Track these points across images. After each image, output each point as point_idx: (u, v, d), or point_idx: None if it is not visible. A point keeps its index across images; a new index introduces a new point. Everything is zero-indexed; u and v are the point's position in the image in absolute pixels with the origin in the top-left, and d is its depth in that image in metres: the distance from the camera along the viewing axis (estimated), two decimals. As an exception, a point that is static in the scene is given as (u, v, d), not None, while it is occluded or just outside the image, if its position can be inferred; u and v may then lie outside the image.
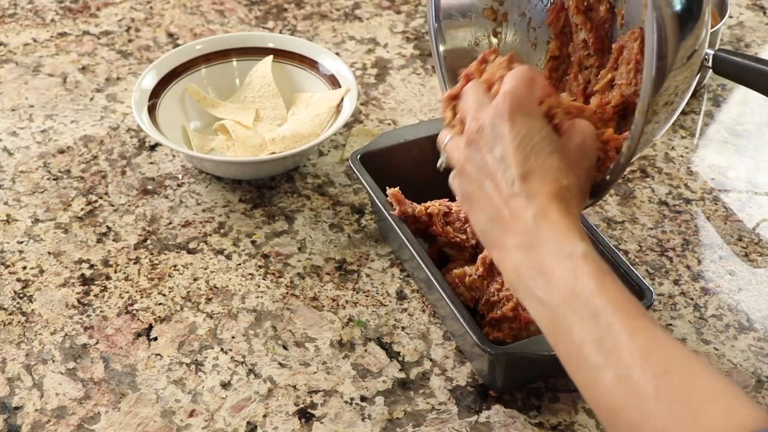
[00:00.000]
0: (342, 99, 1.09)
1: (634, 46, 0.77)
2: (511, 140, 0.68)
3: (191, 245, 0.99)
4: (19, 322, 0.91)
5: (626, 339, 0.58)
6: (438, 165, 0.78)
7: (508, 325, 0.84)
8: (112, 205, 1.04)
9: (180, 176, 1.08)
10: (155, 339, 0.90)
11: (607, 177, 0.74)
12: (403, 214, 0.91)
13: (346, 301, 0.93)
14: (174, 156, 1.11)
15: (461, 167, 0.72)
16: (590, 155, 0.72)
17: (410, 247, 0.88)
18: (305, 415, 0.83)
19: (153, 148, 1.12)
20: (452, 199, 0.98)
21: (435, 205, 0.93)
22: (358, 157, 0.97)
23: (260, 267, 0.97)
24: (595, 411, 0.61)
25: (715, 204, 1.05)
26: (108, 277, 0.96)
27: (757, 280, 0.96)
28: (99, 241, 1.00)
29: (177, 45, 1.29)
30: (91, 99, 1.20)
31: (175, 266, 0.97)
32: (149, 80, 1.10)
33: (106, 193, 1.06)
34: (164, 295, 0.94)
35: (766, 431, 0.51)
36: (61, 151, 1.11)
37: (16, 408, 0.84)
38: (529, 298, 0.65)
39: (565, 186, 0.67)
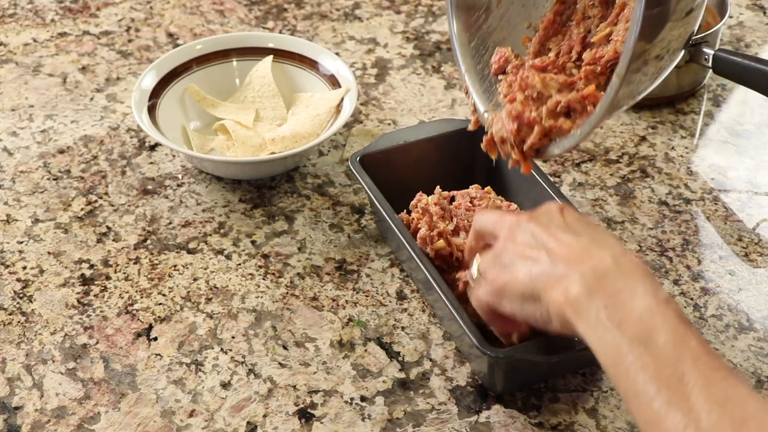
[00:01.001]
0: (342, 99, 1.09)
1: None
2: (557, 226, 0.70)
3: (191, 245, 0.99)
4: (19, 322, 0.91)
5: (700, 389, 0.55)
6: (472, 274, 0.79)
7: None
8: (112, 205, 1.04)
9: (180, 176, 1.08)
10: (155, 339, 0.90)
11: (578, 130, 0.74)
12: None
13: (346, 301, 0.93)
14: (174, 156, 1.11)
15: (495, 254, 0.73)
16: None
17: (409, 247, 0.88)
18: (305, 415, 0.83)
19: (153, 148, 1.12)
20: (451, 202, 0.98)
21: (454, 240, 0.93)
22: (358, 158, 0.97)
23: (260, 267, 0.97)
24: None
25: (715, 204, 1.05)
26: (108, 277, 0.96)
27: (757, 280, 0.96)
28: (99, 241, 1.00)
29: (177, 45, 1.29)
30: (91, 99, 1.20)
31: (175, 266, 0.97)
32: (149, 80, 1.10)
33: (106, 193, 1.06)
34: (164, 295, 0.94)
35: None
36: (61, 151, 1.11)
37: (16, 408, 0.84)
38: (595, 323, 0.62)
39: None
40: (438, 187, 0.96)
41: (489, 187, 0.98)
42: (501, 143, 0.81)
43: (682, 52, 0.75)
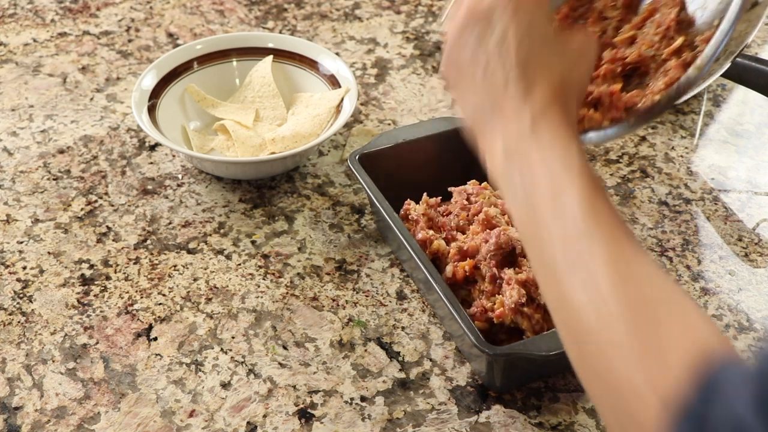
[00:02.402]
0: (342, 99, 1.09)
1: (671, 12, 0.76)
2: (514, 27, 0.64)
3: (191, 245, 0.99)
4: (19, 322, 0.91)
5: (602, 261, 0.55)
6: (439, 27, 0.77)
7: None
8: (112, 205, 1.04)
9: (180, 176, 1.08)
10: (155, 339, 0.90)
11: (657, 99, 0.72)
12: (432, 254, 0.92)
13: (346, 301, 0.93)
14: (174, 156, 1.11)
15: (455, 44, 0.68)
16: (589, 60, 0.69)
17: (409, 247, 0.88)
18: (305, 415, 0.83)
19: (153, 148, 1.12)
20: (449, 198, 0.98)
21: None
22: (357, 157, 0.97)
23: (260, 267, 0.97)
24: (556, 322, 0.58)
25: (715, 204, 1.05)
26: (108, 277, 0.96)
27: (757, 280, 0.96)
28: (99, 241, 1.00)
29: (177, 45, 1.29)
30: (91, 99, 1.20)
31: (175, 266, 0.97)
32: (149, 80, 1.10)
33: (106, 193, 1.06)
34: (164, 295, 0.94)
35: (725, 359, 0.49)
36: (61, 151, 1.11)
37: (16, 408, 0.84)
38: (512, 192, 0.61)
39: (565, 81, 0.64)
40: (425, 194, 0.96)
41: (486, 182, 0.98)
42: None
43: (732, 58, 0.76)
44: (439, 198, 0.97)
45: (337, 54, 1.22)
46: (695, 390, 0.47)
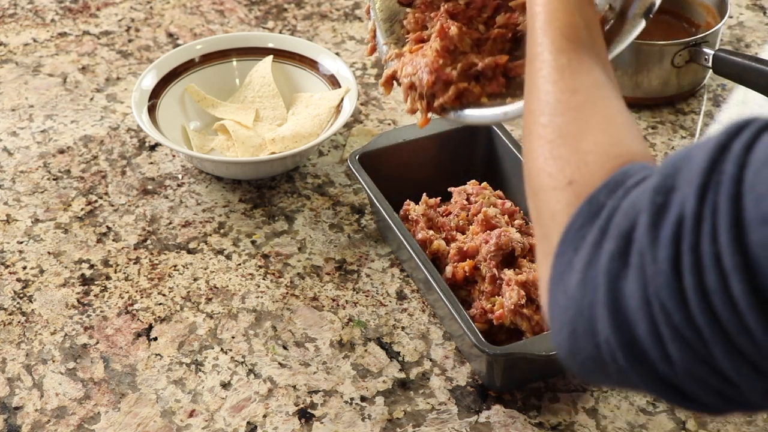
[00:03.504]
0: (342, 99, 1.09)
1: None
2: None
3: (191, 245, 0.99)
4: (19, 322, 0.91)
5: (550, 56, 0.60)
6: None
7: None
8: (112, 205, 1.04)
9: (180, 176, 1.08)
10: (155, 339, 0.90)
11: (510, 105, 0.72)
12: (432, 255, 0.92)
13: (346, 301, 0.93)
14: (174, 156, 1.11)
15: None
16: None
17: (409, 247, 0.88)
18: (305, 415, 0.83)
19: (153, 148, 1.12)
20: (449, 198, 0.98)
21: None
22: (357, 157, 0.97)
23: (260, 267, 0.97)
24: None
25: (715, 204, 1.05)
26: (108, 277, 0.96)
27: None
28: (99, 241, 1.00)
29: (177, 45, 1.29)
30: (91, 99, 1.20)
31: (175, 266, 0.97)
32: (149, 80, 1.10)
33: (106, 193, 1.06)
34: (164, 295, 0.94)
35: (640, 167, 0.52)
36: (61, 151, 1.11)
37: (16, 408, 0.84)
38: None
39: None
40: (424, 194, 0.96)
41: (486, 182, 0.98)
42: (409, 88, 0.77)
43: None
44: (439, 198, 0.97)
45: (337, 54, 1.22)
46: (603, 182, 0.52)
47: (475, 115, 0.74)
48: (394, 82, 0.79)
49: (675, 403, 0.50)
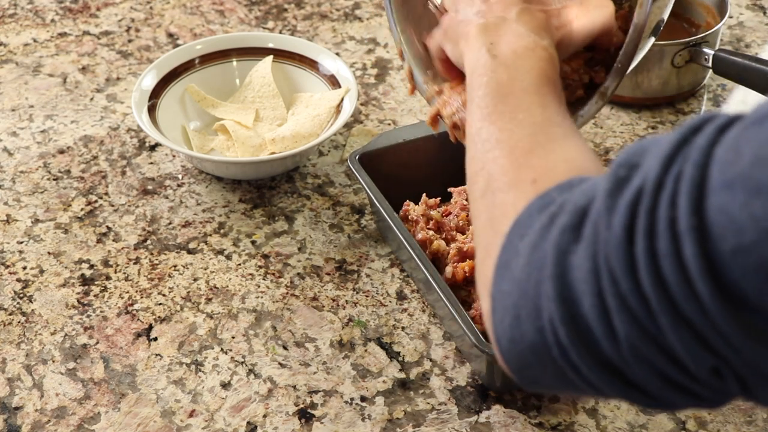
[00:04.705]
0: (342, 99, 1.09)
1: None
2: None
3: (191, 245, 0.99)
4: (19, 322, 0.91)
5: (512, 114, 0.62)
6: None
7: None
8: (112, 205, 1.04)
9: (180, 176, 1.08)
10: (155, 339, 0.90)
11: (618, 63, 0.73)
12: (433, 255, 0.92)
13: (346, 301, 0.93)
14: (174, 156, 1.11)
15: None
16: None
17: (409, 247, 0.88)
18: (305, 415, 0.83)
19: (153, 148, 1.12)
20: (449, 198, 0.98)
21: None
22: (357, 157, 0.97)
23: (260, 267, 0.97)
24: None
25: (715, 204, 1.05)
26: (108, 278, 0.96)
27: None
28: (99, 241, 1.00)
29: (177, 45, 1.29)
30: (91, 99, 1.20)
31: (175, 266, 0.97)
32: (149, 80, 1.10)
33: (106, 193, 1.06)
34: (164, 295, 0.94)
35: (599, 177, 0.53)
36: (61, 151, 1.11)
37: (16, 408, 0.84)
38: (477, 51, 0.68)
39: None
40: (424, 194, 0.96)
41: None
42: (453, 128, 0.79)
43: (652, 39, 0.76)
44: (439, 198, 0.97)
45: (337, 54, 1.22)
46: (558, 183, 0.53)
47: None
48: (439, 118, 0.81)
49: (619, 395, 0.48)
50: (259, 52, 1.16)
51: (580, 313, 0.46)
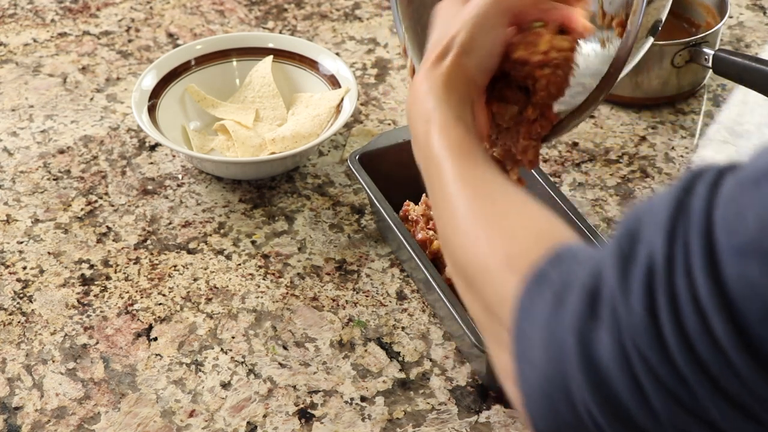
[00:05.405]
0: (342, 99, 1.09)
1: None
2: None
3: (191, 245, 0.99)
4: (19, 322, 0.91)
5: (452, 178, 0.62)
6: None
7: None
8: (112, 205, 1.04)
9: (180, 176, 1.08)
10: (155, 339, 0.90)
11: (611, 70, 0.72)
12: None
13: (346, 301, 0.93)
14: (174, 156, 1.11)
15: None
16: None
17: (409, 247, 0.88)
18: (305, 415, 0.83)
19: (153, 148, 1.12)
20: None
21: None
22: (357, 157, 0.97)
23: (260, 267, 0.97)
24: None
25: (715, 204, 1.05)
26: (108, 278, 0.96)
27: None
28: (99, 241, 1.00)
29: (177, 45, 1.29)
30: (91, 99, 1.20)
31: (175, 266, 0.97)
32: (149, 80, 1.10)
33: (106, 193, 1.06)
34: (164, 295, 0.94)
35: (579, 245, 0.53)
36: (61, 151, 1.11)
37: (16, 408, 0.84)
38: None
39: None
40: (424, 195, 0.96)
41: None
42: None
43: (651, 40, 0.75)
44: None
45: (337, 54, 1.22)
46: (545, 259, 0.52)
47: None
48: None
49: None
50: (259, 52, 1.16)
51: (614, 394, 0.45)
